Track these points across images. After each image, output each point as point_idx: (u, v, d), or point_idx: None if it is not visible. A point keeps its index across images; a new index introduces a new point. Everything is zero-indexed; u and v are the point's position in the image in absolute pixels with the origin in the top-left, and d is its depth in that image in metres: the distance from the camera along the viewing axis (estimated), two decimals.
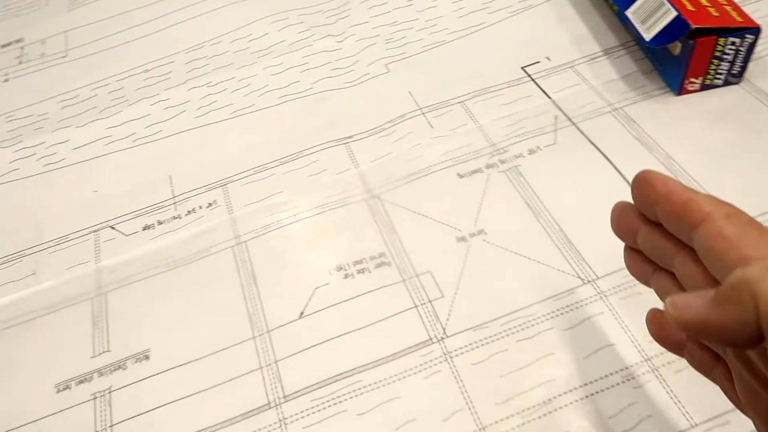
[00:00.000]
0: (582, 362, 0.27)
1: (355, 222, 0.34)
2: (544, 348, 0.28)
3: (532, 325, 0.29)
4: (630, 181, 0.21)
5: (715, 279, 0.17)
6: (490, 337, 0.29)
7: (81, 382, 0.30)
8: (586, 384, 0.26)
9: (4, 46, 0.53)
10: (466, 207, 0.34)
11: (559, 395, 0.26)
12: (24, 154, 0.42)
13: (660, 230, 0.19)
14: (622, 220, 0.21)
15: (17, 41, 0.53)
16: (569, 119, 0.37)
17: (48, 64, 0.50)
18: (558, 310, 0.29)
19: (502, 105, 0.39)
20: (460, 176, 0.36)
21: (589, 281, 0.30)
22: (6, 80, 0.49)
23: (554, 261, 0.31)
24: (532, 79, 0.40)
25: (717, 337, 0.16)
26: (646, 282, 0.21)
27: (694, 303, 0.16)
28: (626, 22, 0.39)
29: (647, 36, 0.36)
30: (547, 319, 0.29)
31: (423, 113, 0.40)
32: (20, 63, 0.51)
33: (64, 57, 0.50)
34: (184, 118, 0.43)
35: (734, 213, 0.17)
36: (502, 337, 0.28)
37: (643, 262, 0.21)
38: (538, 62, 0.41)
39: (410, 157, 0.37)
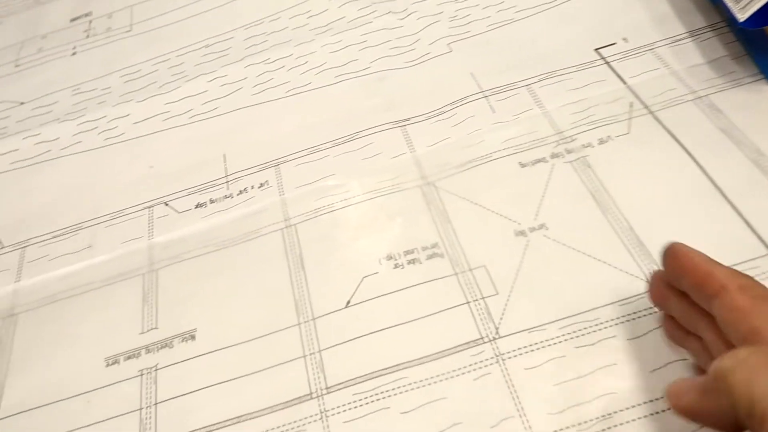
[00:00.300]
0: (648, 376, 0.25)
1: (408, 209, 0.33)
2: (605, 357, 0.26)
3: (594, 332, 0.26)
4: (714, 179, 0.21)
5: (734, 345, 0.19)
6: (547, 341, 0.27)
7: (129, 357, 0.30)
8: (651, 401, 0.24)
9: (73, 20, 0.54)
10: (527, 199, 0.32)
11: (621, 410, 0.24)
12: (87, 127, 0.43)
13: (688, 299, 0.22)
14: (656, 289, 0.23)
15: (86, 15, 0.54)
16: (646, 107, 0.34)
17: (113, 38, 0.51)
18: (623, 316, 0.27)
19: (571, 90, 0.36)
20: (522, 165, 0.33)
21: None
22: (74, 53, 0.50)
23: (622, 262, 0.28)
24: (606, 62, 0.37)
25: (708, 425, 0.18)
26: (681, 345, 0.23)
27: (687, 392, 0.18)
28: (716, 1, 0.35)
29: (741, 16, 0.33)
30: (611, 326, 0.26)
31: (485, 96, 0.37)
32: (87, 37, 0.51)
33: (128, 31, 0.51)
34: (240, 95, 0.42)
35: (748, 285, 0.19)
36: (560, 341, 0.27)
37: (676, 328, 0.23)
38: (613, 44, 0.38)
39: (469, 143, 0.35)
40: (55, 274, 0.35)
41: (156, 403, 0.28)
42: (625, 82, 0.36)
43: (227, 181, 0.37)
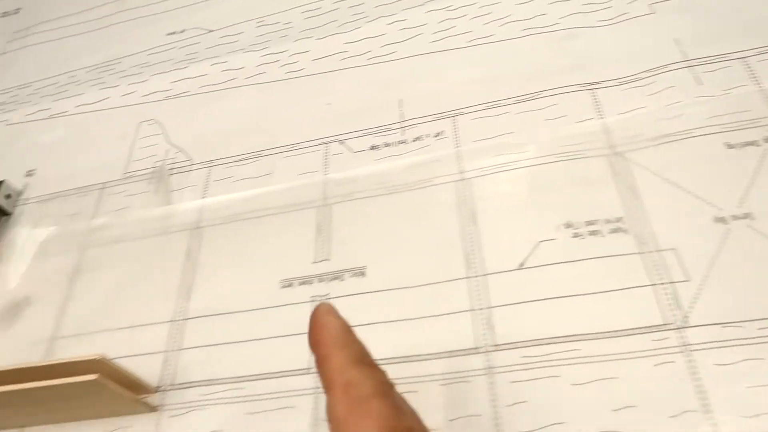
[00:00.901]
0: None
1: (591, 178, 0.31)
2: None
3: None
4: None
5: None
6: (743, 339, 0.25)
7: (302, 283, 0.32)
8: None
9: None
10: (732, 184, 0.29)
11: None
12: (269, 59, 0.45)
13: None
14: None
15: None
16: None
17: None
18: None
19: None
20: (729, 146, 0.30)
21: None
22: None
23: None
24: None
25: None
26: None
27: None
28: None
29: None
30: None
31: (690, 66, 0.34)
32: None
33: None
34: (419, 41, 0.42)
35: (355, 383, 0.18)
36: (758, 343, 0.24)
37: None
38: None
39: (667, 115, 0.33)
40: (237, 196, 0.37)
41: None
42: None
43: (402, 127, 0.37)
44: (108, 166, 0.42)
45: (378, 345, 0.29)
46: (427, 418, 0.26)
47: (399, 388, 0.27)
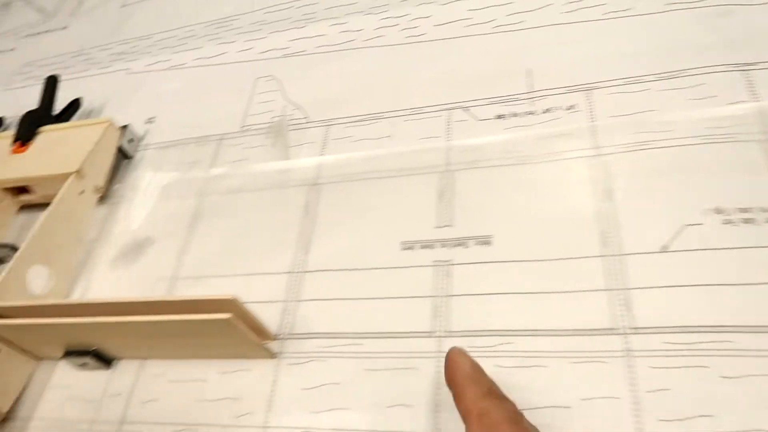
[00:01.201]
0: None
1: (745, 164, 0.29)
2: None
3: None
4: None
5: None
6: None
7: (424, 247, 0.32)
8: None
9: None
10: None
11: None
12: (389, 23, 0.44)
13: None
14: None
15: None
16: None
17: None
18: None
19: None
20: None
21: None
22: None
23: None
24: None
25: None
26: None
27: None
28: None
29: None
30: None
31: None
32: None
33: None
34: (549, 11, 0.40)
35: (487, 412, 0.21)
36: None
37: None
38: None
39: None
40: (356, 155, 0.37)
41: (449, 295, 0.29)
42: None
43: (531, 98, 0.36)
44: (225, 119, 0.43)
45: (504, 315, 0.28)
46: (558, 396, 0.25)
47: (527, 362, 0.26)
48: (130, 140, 0.43)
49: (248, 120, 0.42)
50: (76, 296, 0.36)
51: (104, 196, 0.41)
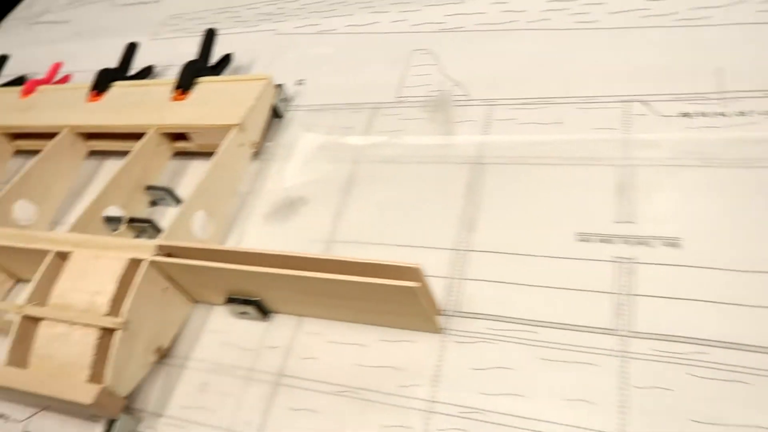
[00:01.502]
0: None
1: None
2: None
3: None
4: None
5: None
6: None
7: (602, 240, 0.30)
8: None
9: None
10: None
11: None
12: (557, 6, 0.43)
13: None
14: None
15: None
16: None
17: None
18: None
19: None
20: None
21: None
22: None
23: None
24: None
25: None
26: None
27: None
28: None
29: None
30: None
31: None
32: None
33: None
34: (742, 9, 0.38)
35: None
36: None
37: None
38: None
39: None
40: (523, 138, 0.36)
41: (632, 294, 0.28)
42: None
43: (722, 98, 0.34)
44: (380, 88, 0.43)
45: (698, 323, 0.26)
46: (749, 415, 0.23)
47: (728, 375, 0.25)
48: (283, 99, 0.44)
49: (403, 92, 0.42)
50: (230, 245, 0.37)
51: (257, 152, 0.41)
